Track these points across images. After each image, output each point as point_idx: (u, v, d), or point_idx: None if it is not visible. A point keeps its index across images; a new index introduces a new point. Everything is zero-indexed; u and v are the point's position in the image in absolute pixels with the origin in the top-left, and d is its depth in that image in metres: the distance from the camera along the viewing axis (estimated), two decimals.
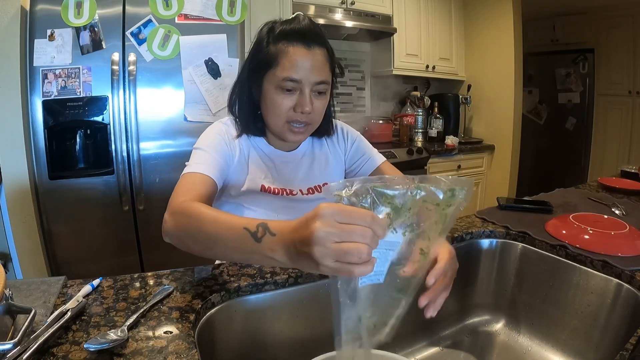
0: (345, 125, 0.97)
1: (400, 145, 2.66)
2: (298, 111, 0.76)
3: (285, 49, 0.73)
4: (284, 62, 0.73)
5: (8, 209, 1.54)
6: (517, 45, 2.78)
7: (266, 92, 0.77)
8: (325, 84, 0.77)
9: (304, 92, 0.75)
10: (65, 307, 0.54)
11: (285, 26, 0.75)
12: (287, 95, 0.75)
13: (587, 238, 0.82)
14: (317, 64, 0.74)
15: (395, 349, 0.81)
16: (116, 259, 1.63)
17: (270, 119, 0.80)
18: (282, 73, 0.73)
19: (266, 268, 0.72)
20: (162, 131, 1.59)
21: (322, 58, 0.75)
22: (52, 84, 1.44)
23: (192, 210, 0.59)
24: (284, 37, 0.74)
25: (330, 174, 0.92)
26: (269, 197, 0.84)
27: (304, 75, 0.73)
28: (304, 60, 0.73)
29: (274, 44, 0.75)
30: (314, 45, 0.74)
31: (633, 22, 3.09)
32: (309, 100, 0.75)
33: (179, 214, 0.61)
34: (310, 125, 0.80)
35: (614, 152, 3.36)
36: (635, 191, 1.30)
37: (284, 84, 0.74)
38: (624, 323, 0.71)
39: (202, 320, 0.60)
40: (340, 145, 0.95)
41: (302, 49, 0.73)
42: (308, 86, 0.75)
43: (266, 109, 0.79)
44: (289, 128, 0.78)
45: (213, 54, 1.60)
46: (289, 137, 0.81)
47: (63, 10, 1.43)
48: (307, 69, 0.73)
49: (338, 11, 2.38)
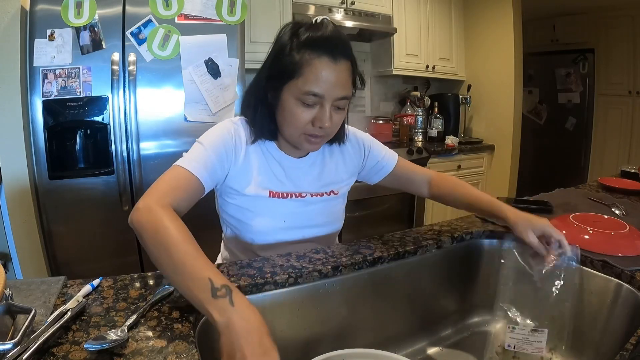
0: (358, 131, 0.95)
1: (400, 145, 2.66)
2: (316, 125, 0.73)
3: (311, 60, 0.69)
4: (308, 75, 0.69)
5: (8, 209, 1.54)
6: (517, 45, 2.79)
7: (285, 102, 0.73)
8: (346, 99, 0.74)
9: (324, 107, 0.72)
10: (65, 307, 0.54)
11: (312, 33, 0.71)
12: (306, 109, 0.72)
13: (587, 238, 0.82)
14: (341, 79, 0.71)
15: (395, 349, 0.81)
16: (116, 259, 1.63)
17: (286, 129, 0.77)
18: (305, 86, 0.70)
19: (266, 268, 0.72)
20: (162, 131, 1.59)
21: (347, 73, 0.72)
22: (52, 84, 1.44)
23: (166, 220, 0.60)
24: (309, 46, 0.70)
25: (340, 180, 0.91)
26: (276, 202, 0.83)
27: (326, 90, 0.70)
28: (329, 74, 0.70)
29: (298, 52, 0.70)
30: (340, 58, 0.70)
31: (633, 22, 3.09)
32: (329, 116, 0.72)
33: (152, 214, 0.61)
34: (326, 137, 0.78)
35: (614, 152, 3.36)
36: (635, 191, 1.30)
37: (305, 98, 0.71)
38: (624, 323, 0.71)
39: (202, 320, 0.60)
40: (356, 154, 0.93)
41: (328, 62, 0.69)
42: (329, 101, 0.71)
43: (283, 118, 0.76)
44: (305, 139, 0.76)
45: (213, 54, 1.60)
46: (304, 147, 0.79)
47: (63, 10, 1.43)
48: (331, 84, 0.70)
49: (338, 11, 2.38)
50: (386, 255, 0.79)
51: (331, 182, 0.89)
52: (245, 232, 0.85)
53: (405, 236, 0.89)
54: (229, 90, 1.63)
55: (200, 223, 1.65)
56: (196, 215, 1.79)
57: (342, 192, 0.91)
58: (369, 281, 0.78)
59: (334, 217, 0.92)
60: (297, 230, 0.86)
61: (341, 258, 0.77)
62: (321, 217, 0.89)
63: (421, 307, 0.85)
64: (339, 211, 0.93)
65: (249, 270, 0.71)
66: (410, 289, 0.84)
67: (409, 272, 0.83)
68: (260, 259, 0.77)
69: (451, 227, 0.95)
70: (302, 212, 0.86)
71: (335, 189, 0.89)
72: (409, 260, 0.83)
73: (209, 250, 1.07)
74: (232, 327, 0.47)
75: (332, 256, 0.78)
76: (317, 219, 0.88)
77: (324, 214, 0.89)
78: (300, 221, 0.86)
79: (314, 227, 0.88)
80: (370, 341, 0.78)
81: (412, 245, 0.83)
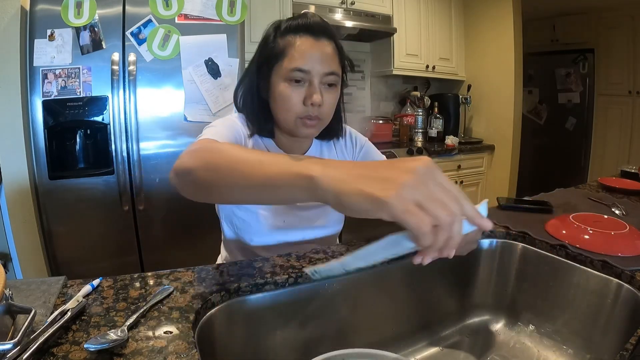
0: (354, 130, 0.96)
1: (400, 145, 2.66)
2: (308, 103, 0.73)
3: (293, 40, 0.72)
4: (292, 53, 0.72)
5: (8, 209, 1.54)
6: (517, 45, 2.79)
7: (275, 86, 0.75)
8: (334, 75, 0.75)
9: (313, 83, 0.73)
10: (65, 307, 0.54)
11: (292, 21, 0.75)
12: (295, 87, 0.73)
13: (587, 238, 0.82)
14: (325, 56, 0.73)
15: (395, 349, 0.81)
16: (116, 259, 1.63)
17: (281, 115, 0.77)
18: (290, 64, 0.72)
19: (266, 268, 0.72)
20: (162, 131, 1.59)
21: (331, 50, 0.74)
22: (52, 84, 1.44)
23: (219, 142, 0.56)
24: (291, 31, 0.73)
25: None
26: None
27: (312, 65, 0.72)
28: (312, 51, 0.72)
29: (282, 38, 0.74)
30: (321, 36, 0.73)
31: (633, 22, 3.09)
32: (319, 92, 0.73)
33: (200, 146, 0.56)
34: (321, 121, 0.78)
35: (614, 152, 3.36)
36: (635, 191, 1.29)
37: (292, 75, 0.72)
38: (624, 323, 0.71)
39: (202, 320, 0.60)
40: (349, 150, 0.93)
41: (310, 40, 0.72)
42: (317, 77, 0.73)
43: (276, 105, 0.76)
44: (301, 123, 0.76)
45: (213, 54, 1.60)
46: (300, 132, 0.77)
47: (63, 10, 1.43)
48: (316, 59, 0.72)
49: (338, 11, 2.38)
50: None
51: None
52: (244, 233, 0.85)
53: None
54: (229, 90, 1.63)
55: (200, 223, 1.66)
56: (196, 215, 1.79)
57: None
58: (369, 281, 0.78)
59: (333, 219, 0.92)
60: (297, 231, 0.87)
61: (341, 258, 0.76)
62: (320, 218, 0.89)
63: (421, 307, 0.85)
64: (338, 214, 0.93)
65: (249, 270, 0.71)
66: (410, 289, 0.84)
67: (409, 272, 0.83)
68: (260, 259, 0.77)
69: None
70: (302, 214, 0.86)
71: None
72: (409, 260, 0.83)
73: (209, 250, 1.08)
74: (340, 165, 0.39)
75: (332, 256, 0.78)
76: (316, 220, 0.88)
77: (323, 215, 0.89)
78: (299, 222, 0.86)
79: (314, 228, 0.89)
80: (370, 341, 0.78)
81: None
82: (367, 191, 0.34)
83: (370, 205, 0.34)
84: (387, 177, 0.35)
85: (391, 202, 0.33)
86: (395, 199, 0.33)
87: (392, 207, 0.34)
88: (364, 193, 0.35)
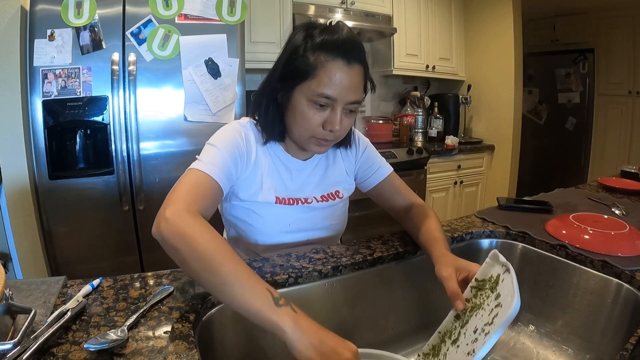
0: (357, 132, 0.95)
1: (400, 145, 2.66)
2: (327, 129, 0.73)
3: (325, 62, 0.69)
4: (322, 77, 0.69)
5: (8, 209, 1.54)
6: (517, 45, 2.79)
7: (296, 103, 0.73)
8: (357, 103, 0.74)
9: (335, 110, 0.71)
10: (65, 307, 0.54)
11: (327, 36, 0.70)
12: (318, 111, 0.72)
13: (587, 238, 0.82)
14: (354, 83, 0.71)
15: (395, 349, 0.81)
16: (116, 259, 1.63)
17: (296, 130, 0.76)
18: (318, 88, 0.70)
19: (266, 268, 0.72)
20: (162, 131, 1.59)
21: (360, 77, 0.72)
22: (52, 84, 1.44)
23: (203, 228, 0.57)
24: (324, 49, 0.70)
25: (343, 180, 0.91)
26: (283, 208, 0.83)
27: (339, 93, 0.70)
28: (343, 77, 0.69)
29: (313, 54, 0.70)
30: (354, 62, 0.70)
31: (633, 22, 3.09)
32: (339, 120, 0.72)
33: (186, 223, 0.58)
34: (335, 141, 0.79)
35: (614, 152, 3.36)
36: (635, 191, 1.30)
37: (317, 99, 0.70)
38: (624, 323, 0.71)
39: (202, 320, 0.60)
40: (352, 151, 0.93)
41: (343, 66, 0.69)
42: (341, 105, 0.71)
43: (293, 120, 0.75)
44: (315, 142, 0.76)
45: (213, 54, 1.60)
46: (311, 149, 0.79)
47: (63, 10, 1.43)
48: (344, 87, 0.70)
49: (338, 11, 2.38)
50: (386, 255, 0.79)
51: (335, 182, 0.89)
52: (249, 234, 0.85)
53: (405, 236, 0.89)
54: (229, 90, 1.63)
55: None
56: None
57: (346, 194, 0.92)
58: (369, 281, 0.78)
59: (337, 220, 0.93)
60: (302, 232, 0.87)
61: (341, 258, 0.77)
62: (326, 220, 0.90)
63: (421, 307, 0.85)
64: (342, 214, 0.94)
65: None
66: (411, 289, 0.84)
67: (409, 272, 0.83)
68: (261, 259, 0.77)
69: (451, 227, 0.95)
70: (308, 217, 0.86)
71: (339, 189, 0.90)
72: (409, 260, 0.83)
73: None
74: (306, 329, 0.49)
75: (332, 256, 0.78)
76: (322, 223, 0.89)
77: (329, 217, 0.90)
78: (305, 225, 0.87)
79: (318, 229, 0.89)
80: (370, 341, 0.78)
81: (412, 245, 0.84)
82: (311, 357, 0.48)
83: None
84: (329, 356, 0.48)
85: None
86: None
87: None
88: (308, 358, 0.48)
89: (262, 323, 0.50)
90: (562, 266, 0.81)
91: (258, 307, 0.51)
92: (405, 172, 2.39)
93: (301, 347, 0.48)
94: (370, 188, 0.94)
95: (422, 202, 0.92)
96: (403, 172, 2.33)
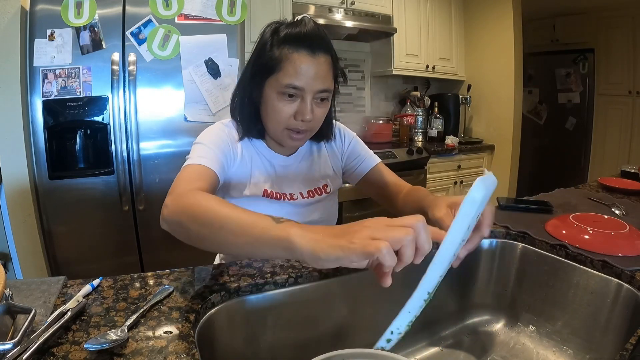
0: (342, 126, 0.97)
1: (400, 145, 2.66)
2: (298, 119, 0.75)
3: (290, 54, 0.72)
4: (287, 68, 0.72)
5: (8, 209, 1.54)
6: (517, 45, 2.79)
7: (267, 97, 0.76)
8: (327, 92, 0.76)
9: (305, 99, 0.74)
10: (65, 307, 0.54)
11: (291, 29, 0.73)
12: (287, 102, 0.74)
13: (587, 238, 0.82)
14: (320, 72, 0.73)
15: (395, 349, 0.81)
16: (116, 259, 1.63)
17: (270, 124, 0.79)
18: (285, 79, 0.72)
19: (266, 268, 0.72)
20: (162, 131, 1.59)
21: (326, 66, 0.74)
22: (52, 84, 1.44)
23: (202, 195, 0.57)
24: (288, 42, 0.72)
25: (329, 175, 0.93)
26: (271, 202, 0.84)
27: (306, 82, 0.72)
28: (308, 67, 0.71)
29: (278, 48, 0.73)
30: (319, 52, 0.72)
31: (633, 22, 3.09)
32: (310, 109, 0.74)
33: (185, 197, 0.58)
34: (309, 132, 0.80)
35: (614, 152, 3.36)
36: (635, 191, 1.29)
37: (285, 90, 0.73)
38: (624, 323, 0.71)
39: (202, 320, 0.60)
40: (337, 145, 0.95)
41: (307, 56, 0.72)
42: (310, 94, 0.73)
43: (266, 114, 0.78)
44: (288, 134, 0.78)
45: (213, 54, 1.60)
46: (287, 143, 0.81)
47: (63, 10, 1.43)
48: (310, 76, 0.72)
49: (338, 11, 2.38)
50: None
51: (321, 176, 0.91)
52: None
53: None
54: (229, 90, 1.63)
55: None
56: None
57: (333, 188, 0.93)
58: (369, 281, 0.78)
59: (326, 215, 0.94)
60: None
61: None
62: (314, 215, 0.91)
63: None
64: (331, 208, 0.95)
65: (249, 270, 0.71)
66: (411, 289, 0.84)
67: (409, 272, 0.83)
68: (260, 259, 0.77)
69: None
70: (295, 212, 0.87)
71: (325, 183, 0.91)
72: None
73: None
74: (319, 230, 0.45)
75: None
76: (309, 217, 0.90)
77: (316, 212, 0.91)
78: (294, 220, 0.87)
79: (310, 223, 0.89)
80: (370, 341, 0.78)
81: None
82: (337, 243, 0.42)
83: (341, 252, 0.41)
84: (351, 231, 0.42)
85: (354, 246, 0.41)
86: (357, 243, 0.41)
87: (356, 248, 0.41)
88: (334, 245, 0.42)
89: (268, 245, 0.46)
90: (562, 266, 0.81)
91: (258, 233, 0.47)
92: (405, 172, 2.39)
93: (318, 242, 0.42)
94: (360, 179, 0.95)
95: (413, 186, 0.91)
96: (403, 172, 2.33)
